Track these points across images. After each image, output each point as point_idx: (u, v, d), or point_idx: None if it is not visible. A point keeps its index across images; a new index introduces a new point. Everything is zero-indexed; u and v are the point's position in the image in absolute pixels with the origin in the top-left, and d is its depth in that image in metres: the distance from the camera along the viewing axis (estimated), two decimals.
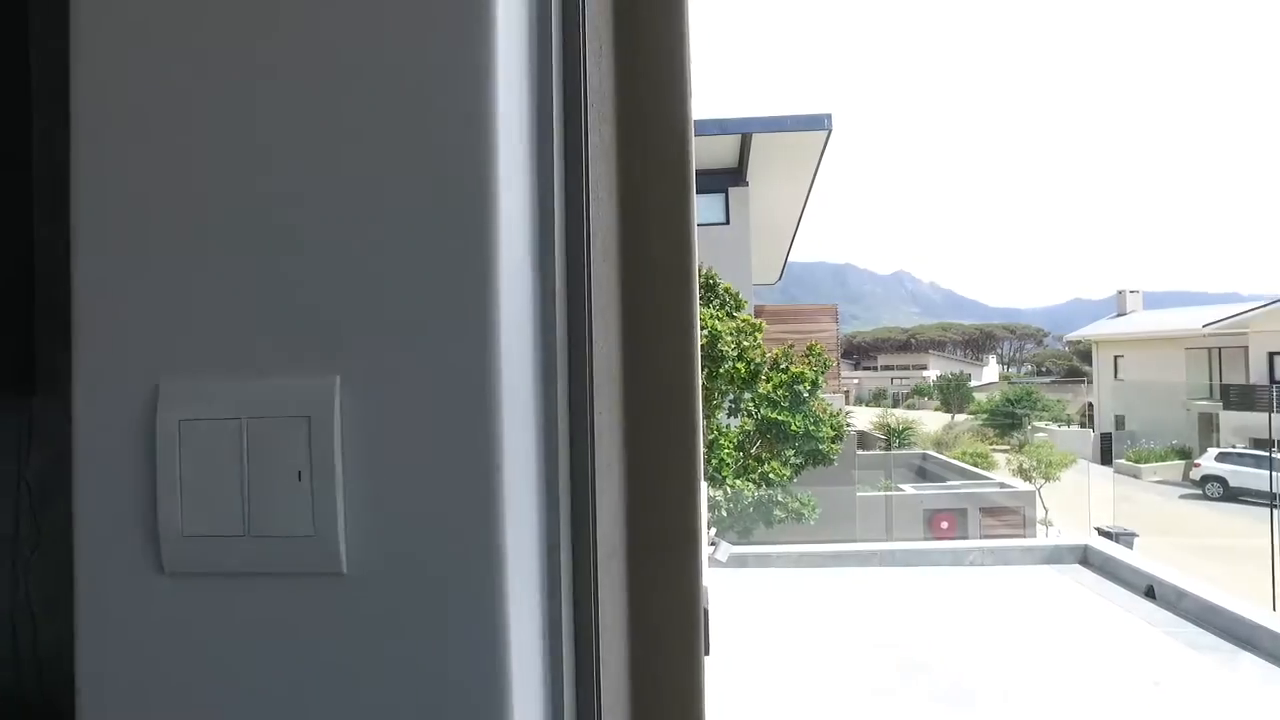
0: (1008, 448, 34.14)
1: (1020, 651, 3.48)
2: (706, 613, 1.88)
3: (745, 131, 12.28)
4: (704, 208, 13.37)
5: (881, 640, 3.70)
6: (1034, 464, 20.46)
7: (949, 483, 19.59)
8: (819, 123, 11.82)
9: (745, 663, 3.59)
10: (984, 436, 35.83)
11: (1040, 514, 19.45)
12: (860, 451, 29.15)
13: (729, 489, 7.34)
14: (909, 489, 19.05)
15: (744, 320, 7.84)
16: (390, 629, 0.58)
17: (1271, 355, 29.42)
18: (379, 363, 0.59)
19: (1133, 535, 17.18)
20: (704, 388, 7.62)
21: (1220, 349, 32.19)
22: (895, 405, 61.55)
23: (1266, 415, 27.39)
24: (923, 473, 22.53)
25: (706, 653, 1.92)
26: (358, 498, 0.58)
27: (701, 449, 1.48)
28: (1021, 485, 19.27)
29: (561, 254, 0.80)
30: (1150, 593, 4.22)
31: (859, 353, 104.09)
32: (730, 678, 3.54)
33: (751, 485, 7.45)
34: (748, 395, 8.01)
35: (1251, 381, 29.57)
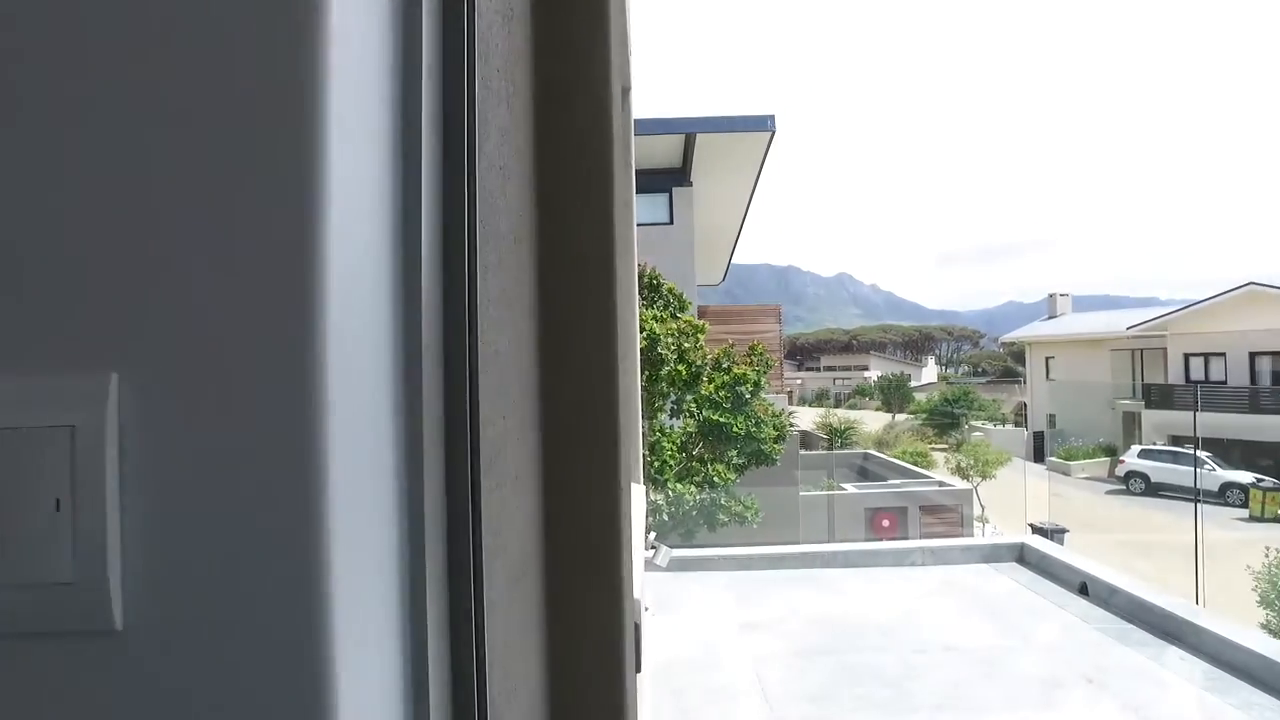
0: (946, 447, 34.96)
1: (960, 654, 3.45)
2: (638, 627, 1.75)
3: (689, 131, 12.25)
4: (648, 207, 13.29)
5: (822, 645, 3.64)
6: (971, 463, 20.96)
7: (890, 482, 19.92)
8: (762, 124, 11.86)
9: (684, 673, 3.49)
10: (923, 436, 36.64)
11: (977, 511, 19.94)
12: (803, 451, 29.48)
13: (671, 492, 7.25)
14: (851, 488, 19.30)
15: (685, 321, 7.76)
16: (178, 701, 0.45)
17: (1187, 356, 30.75)
18: (170, 356, 0.46)
19: (1064, 531, 17.73)
20: (645, 390, 7.52)
21: (1142, 350, 33.55)
22: (838, 405, 62.54)
23: (1184, 413, 28.63)
24: (864, 472, 22.89)
25: (638, 669, 1.78)
26: (136, 532, 0.45)
27: (626, 456, 1.36)
28: (959, 484, 19.71)
29: (433, 242, 0.68)
30: (1084, 590, 4.27)
31: (802, 353, 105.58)
32: (668, 689, 3.43)
33: (694, 488, 7.38)
34: (689, 397, 7.93)
35: (1170, 381, 30.86)
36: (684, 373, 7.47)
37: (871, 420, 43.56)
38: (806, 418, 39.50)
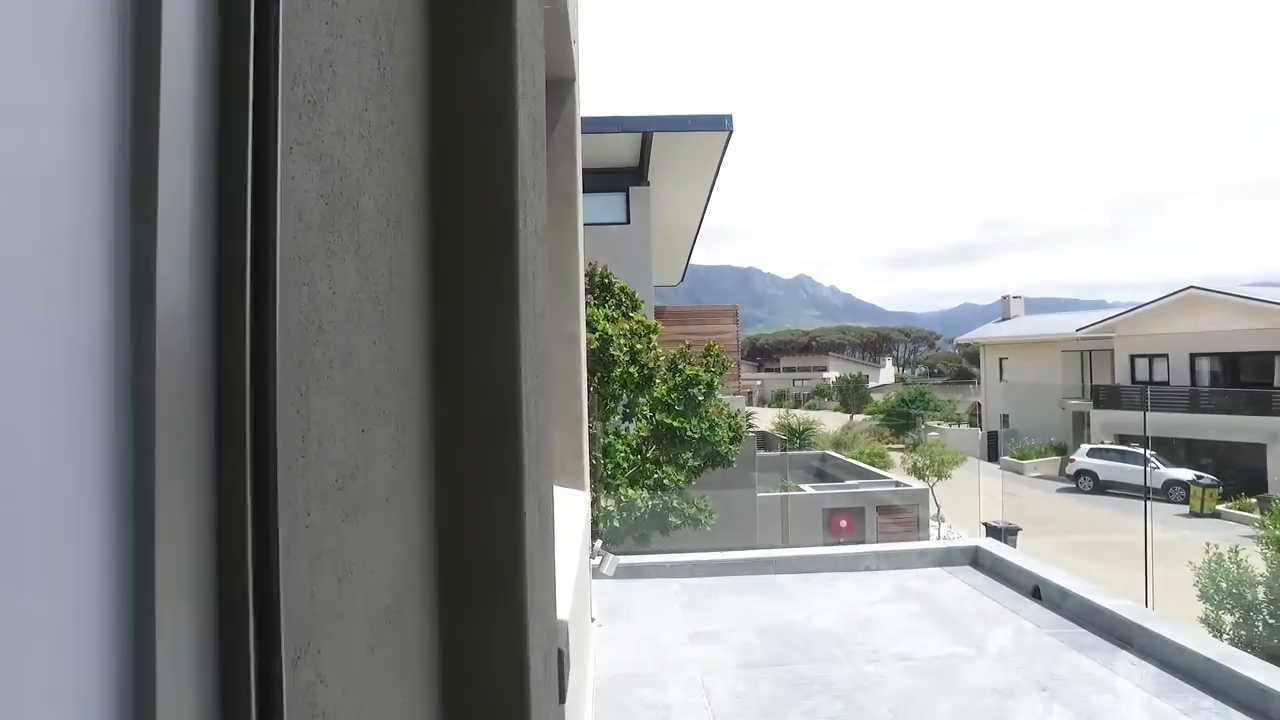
0: (903, 447, 35.39)
1: (914, 663, 3.35)
2: (562, 654, 1.58)
3: (646, 130, 12.12)
4: (604, 207, 13.13)
5: (773, 656, 3.52)
6: (927, 463, 21.19)
7: (847, 483, 20.03)
8: (720, 123, 11.78)
9: (629, 687, 3.33)
10: (881, 436, 37.06)
11: (933, 510, 20.16)
12: (762, 452, 29.58)
13: (623, 496, 7.10)
14: (809, 489, 19.36)
15: (638, 321, 7.61)
16: None
17: (1133, 357, 31.54)
18: None
19: (1016, 530, 18.00)
20: (597, 392, 7.37)
21: (1090, 351, 34.36)
22: (797, 406, 63.08)
23: (1130, 413, 29.38)
24: (822, 473, 23.00)
25: (561, 699, 1.60)
26: None
27: (537, 468, 1.20)
28: (915, 484, 19.90)
29: (205, 212, 0.52)
30: (1036, 593, 4.21)
31: (762, 354, 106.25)
32: (611, 704, 3.28)
33: (646, 492, 7.23)
34: (642, 399, 7.79)
35: (1117, 381, 31.63)
36: (636, 374, 7.31)
37: (830, 421, 43.97)
38: (766, 418, 39.70)
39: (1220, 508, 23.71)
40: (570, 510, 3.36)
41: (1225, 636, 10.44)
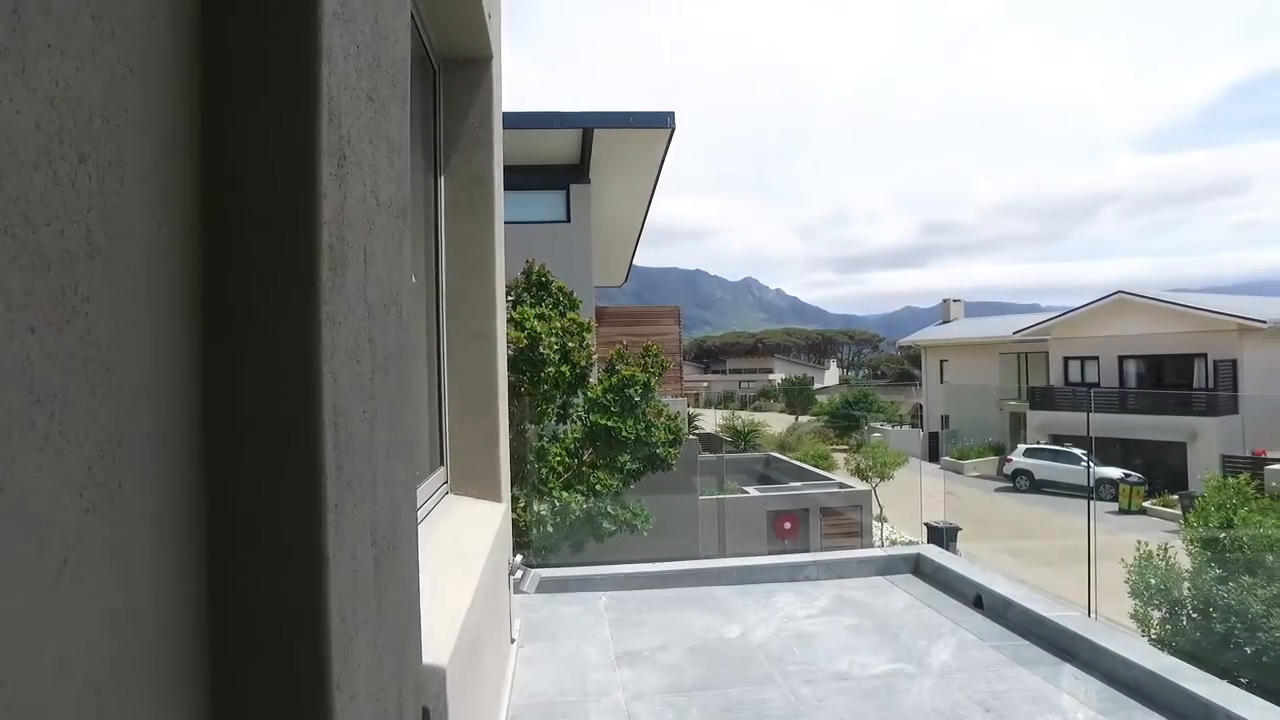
0: (847, 447, 35.77)
1: (853, 683, 3.13)
2: (427, 711, 1.27)
3: (587, 126, 11.83)
4: (544, 205, 12.79)
5: (704, 678, 3.26)
6: (870, 464, 21.35)
7: (791, 485, 20.01)
8: (662, 120, 11.56)
9: (545, 718, 3.04)
10: (825, 437, 37.42)
11: (876, 511, 20.28)
12: (708, 454, 29.51)
13: (556, 501, 6.79)
14: (754, 491, 19.28)
15: (571, 320, 7.31)
16: None
17: (1066, 360, 32.44)
18: None
19: (957, 529, 18.22)
20: (526, 393, 7.04)
21: (1026, 354, 35.27)
22: (743, 407, 63.43)
23: (1063, 413, 30.20)
24: (767, 474, 22.97)
25: None
26: None
27: (341, 497, 0.89)
28: (859, 485, 19.99)
29: None
30: (978, 602, 4.05)
31: (709, 356, 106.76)
32: None
33: (580, 496, 6.93)
34: (577, 400, 7.50)
35: (1051, 383, 32.49)
36: (569, 374, 7.01)
37: (776, 422, 44.26)
38: (712, 420, 39.74)
39: (1146, 505, 24.47)
40: (480, 525, 3.05)
41: (1153, 631, 10.63)
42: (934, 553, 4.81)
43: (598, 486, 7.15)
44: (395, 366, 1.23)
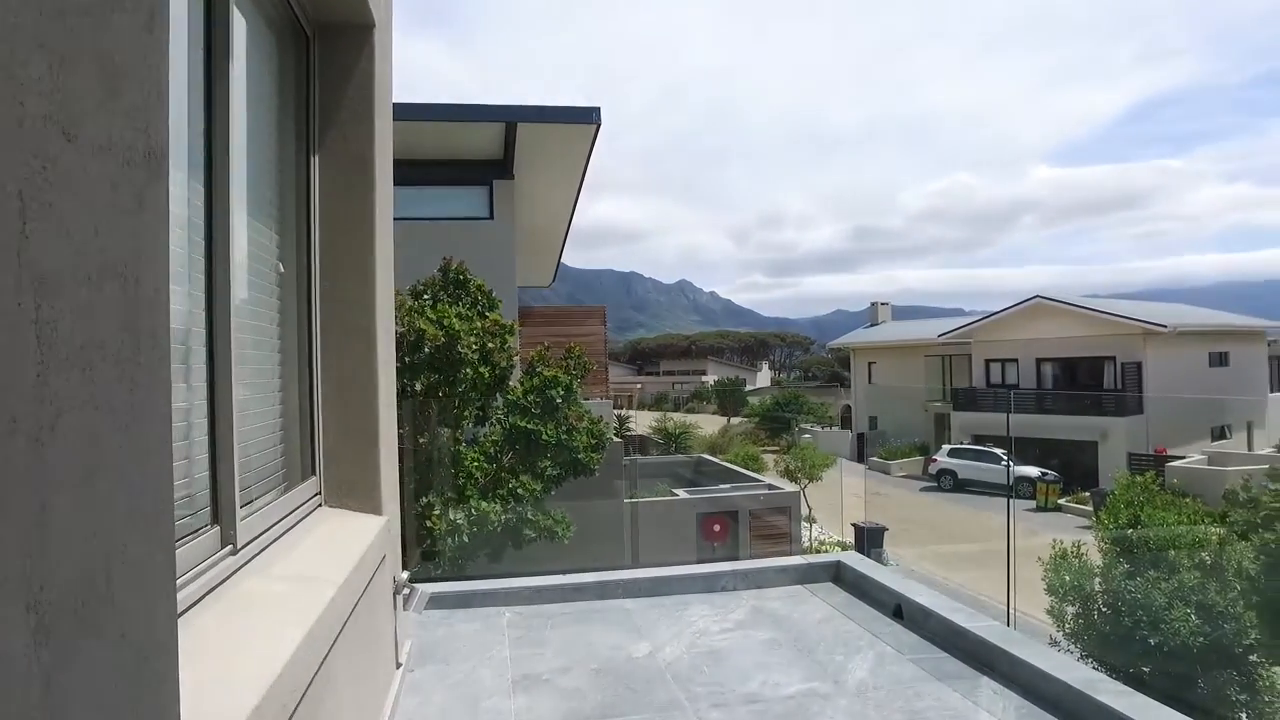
0: (778, 448, 36.11)
1: (764, 705, 2.91)
2: None
3: (510, 120, 11.45)
4: (466, 201, 12.34)
5: (608, 703, 2.98)
6: (799, 465, 21.48)
7: (721, 487, 19.95)
8: (587, 115, 11.27)
9: None
10: (756, 439, 37.69)
11: (805, 511, 20.40)
12: (640, 457, 29.33)
13: (473, 509, 6.43)
14: (683, 494, 19.13)
15: (492, 320, 6.96)
16: None
17: (988, 362, 33.43)
18: None
19: (883, 529, 18.43)
20: (442, 396, 6.66)
21: (951, 356, 36.22)
22: (677, 409, 63.61)
23: (985, 414, 31.12)
24: (698, 476, 22.91)
25: None
26: None
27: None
28: (788, 486, 20.08)
29: None
30: (898, 613, 3.88)
31: (643, 358, 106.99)
32: None
33: (498, 504, 6.59)
34: (496, 403, 7.15)
35: (974, 385, 33.42)
36: (488, 375, 6.66)
37: (708, 423, 44.44)
38: (644, 421, 39.64)
39: (1061, 502, 25.35)
40: (348, 543, 2.71)
41: (1067, 626, 10.87)
42: (854, 560, 4.65)
43: (519, 491, 6.82)
44: (112, 361, 0.91)
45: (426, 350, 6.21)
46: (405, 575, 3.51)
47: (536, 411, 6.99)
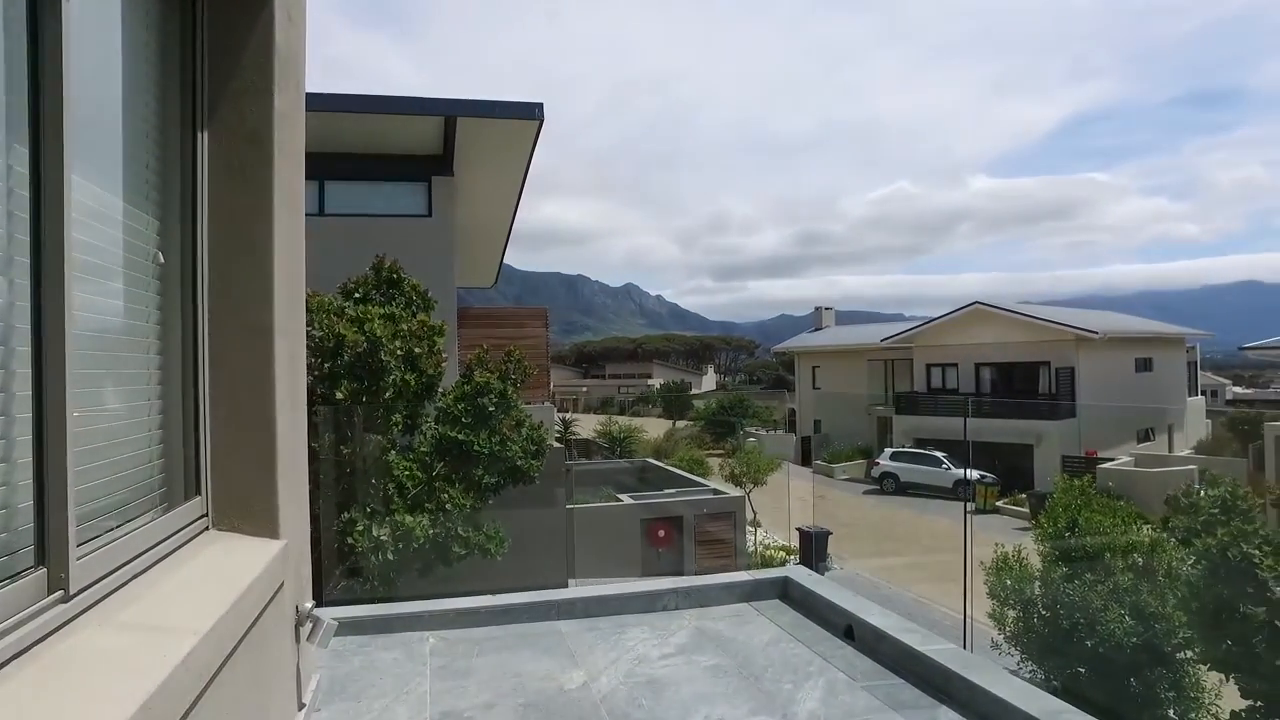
0: (723, 452, 36.13)
1: None
2: None
3: (450, 114, 11.02)
4: (403, 197, 11.86)
5: None
6: (744, 469, 21.40)
7: (666, 491, 19.74)
8: (530, 111, 10.91)
9: None
10: (701, 443, 37.66)
11: (750, 515, 20.33)
12: (584, 461, 28.97)
13: (399, 525, 6.02)
14: (627, 499, 18.86)
15: (420, 322, 6.57)
16: None
17: (929, 367, 34.01)
18: None
19: (828, 533, 18.46)
20: (363, 403, 6.25)
21: (893, 361, 36.75)
22: (623, 412, 63.37)
23: (927, 418, 31.65)
24: (643, 482, 22.66)
25: None
26: None
27: None
28: (733, 491, 19.96)
29: None
30: (849, 633, 3.66)
31: (589, 361, 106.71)
32: None
33: (426, 518, 6.20)
34: (426, 410, 6.76)
35: (915, 389, 33.96)
36: (414, 382, 6.27)
37: (653, 427, 44.24)
38: (590, 424, 39.25)
39: (999, 504, 25.88)
40: (235, 573, 2.35)
41: (1008, 628, 10.95)
42: (802, 575, 4.43)
43: (449, 505, 6.43)
44: None
45: (346, 357, 5.80)
46: (310, 605, 3.15)
47: (467, 420, 6.62)
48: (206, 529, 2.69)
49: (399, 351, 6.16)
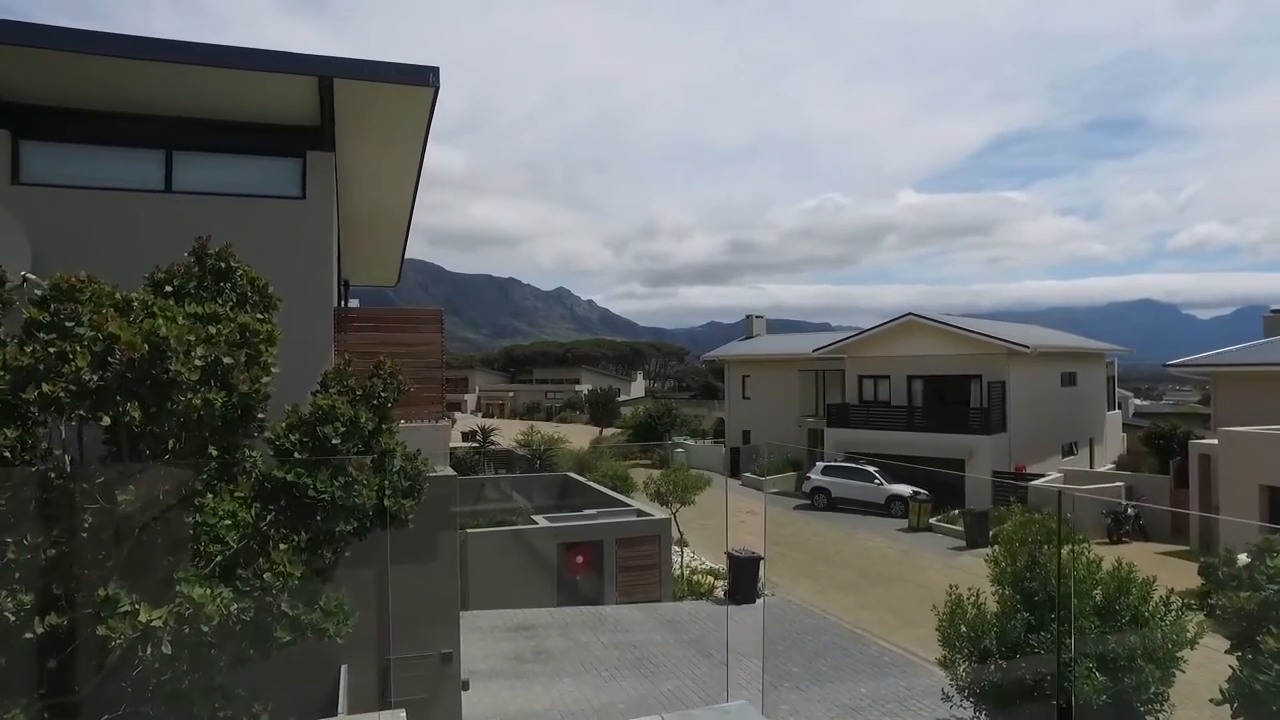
0: (650, 462, 34.77)
1: None
2: None
3: (325, 74, 9.17)
4: (270, 174, 9.94)
5: None
6: (670, 488, 19.97)
7: (586, 512, 18.15)
8: (423, 75, 9.14)
9: None
10: (627, 453, 36.14)
11: (676, 535, 18.93)
12: (502, 473, 27.12)
13: (184, 604, 4.25)
14: (543, 521, 17.20)
15: (242, 324, 4.82)
16: None
17: (861, 378, 33.33)
18: None
19: (759, 558, 17.15)
20: (154, 435, 4.50)
21: (824, 371, 36.02)
22: (549, 418, 61.55)
23: (858, 431, 30.93)
24: (563, 499, 21.03)
25: None
26: None
27: None
28: (659, 512, 18.51)
29: None
30: None
31: (518, 365, 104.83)
32: None
33: (230, 591, 4.46)
34: (245, 443, 5.02)
35: (847, 400, 33.23)
36: (221, 403, 4.53)
37: (579, 435, 42.58)
38: (514, 431, 37.36)
39: (933, 521, 25.14)
40: None
41: (960, 677, 9.81)
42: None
43: (267, 573, 4.71)
44: None
45: (117, 366, 4.04)
46: None
47: (303, 456, 4.93)
48: None
49: (199, 362, 4.40)
